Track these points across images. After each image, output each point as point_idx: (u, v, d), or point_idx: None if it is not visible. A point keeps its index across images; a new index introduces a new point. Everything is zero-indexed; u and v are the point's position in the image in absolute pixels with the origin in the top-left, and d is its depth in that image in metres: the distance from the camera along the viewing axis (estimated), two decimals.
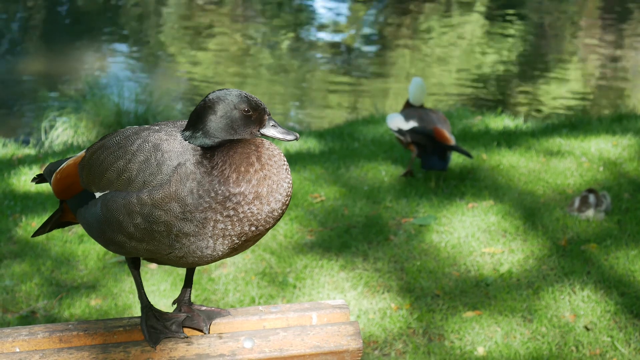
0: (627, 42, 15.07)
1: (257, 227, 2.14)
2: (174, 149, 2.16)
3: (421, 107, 6.89)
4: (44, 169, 2.50)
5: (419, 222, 6.07)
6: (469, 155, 6.56)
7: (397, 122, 6.76)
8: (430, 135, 6.55)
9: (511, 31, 15.84)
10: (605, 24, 16.26)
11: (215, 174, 2.11)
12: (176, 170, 2.12)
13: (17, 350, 2.25)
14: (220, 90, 2.22)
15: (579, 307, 5.03)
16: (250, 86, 12.84)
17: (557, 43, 15.27)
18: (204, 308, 2.42)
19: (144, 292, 2.39)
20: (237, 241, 2.15)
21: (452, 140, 6.56)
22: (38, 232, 2.58)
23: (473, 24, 16.41)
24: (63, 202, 2.49)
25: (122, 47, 15.26)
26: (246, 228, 2.13)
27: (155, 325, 2.31)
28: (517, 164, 7.05)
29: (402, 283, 5.37)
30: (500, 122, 9.04)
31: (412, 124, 6.67)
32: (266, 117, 2.21)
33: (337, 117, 11.41)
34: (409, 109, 6.86)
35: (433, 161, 6.61)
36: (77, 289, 5.39)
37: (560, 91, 12.45)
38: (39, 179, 2.58)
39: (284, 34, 16.08)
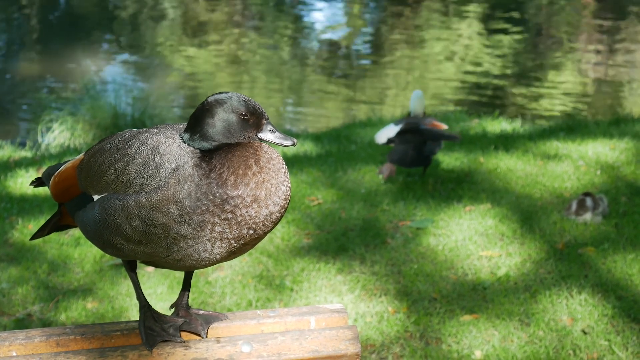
0: (623, 45, 15.09)
1: (255, 231, 2.13)
2: (173, 151, 2.15)
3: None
4: (42, 172, 2.49)
5: (416, 225, 6.06)
6: (456, 138, 6.50)
7: (386, 134, 6.73)
8: (416, 129, 6.50)
9: (508, 34, 15.85)
10: (602, 28, 16.28)
11: (214, 176, 2.10)
12: (174, 173, 2.11)
13: (14, 354, 2.24)
14: (219, 93, 2.21)
15: (577, 310, 5.03)
16: (247, 89, 12.83)
17: (554, 46, 15.28)
18: (201, 312, 2.41)
19: (142, 292, 2.37)
20: (235, 244, 2.14)
21: (444, 126, 6.56)
22: (36, 236, 2.57)
23: (470, 27, 16.42)
24: (61, 205, 2.48)
25: (119, 49, 15.25)
26: (244, 231, 2.12)
27: (153, 327, 2.30)
28: (515, 167, 7.05)
29: (400, 286, 5.36)
30: (498, 125, 9.04)
31: (400, 126, 6.65)
32: (264, 121, 2.20)
33: (334, 120, 11.41)
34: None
35: (413, 157, 6.55)
36: (73, 292, 5.37)
37: (558, 94, 12.45)
38: (37, 182, 2.57)
39: (281, 37, 16.07)
